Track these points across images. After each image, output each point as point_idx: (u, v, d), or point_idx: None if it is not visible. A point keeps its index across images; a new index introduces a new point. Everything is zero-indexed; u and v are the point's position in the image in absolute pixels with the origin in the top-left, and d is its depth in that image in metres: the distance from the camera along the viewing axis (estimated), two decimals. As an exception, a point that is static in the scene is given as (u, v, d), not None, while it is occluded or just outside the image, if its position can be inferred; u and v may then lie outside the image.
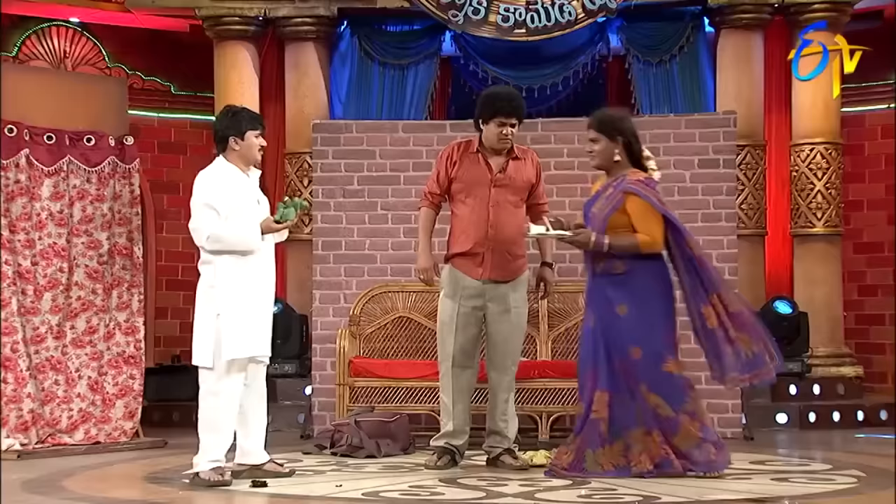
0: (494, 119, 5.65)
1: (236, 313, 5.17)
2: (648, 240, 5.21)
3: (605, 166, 5.39)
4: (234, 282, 5.17)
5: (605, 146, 5.33)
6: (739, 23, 8.58)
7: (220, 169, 5.29)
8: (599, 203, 5.32)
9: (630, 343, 5.21)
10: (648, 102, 8.74)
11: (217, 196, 5.18)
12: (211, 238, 5.16)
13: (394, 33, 9.06)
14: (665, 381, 5.25)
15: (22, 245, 6.77)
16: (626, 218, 5.22)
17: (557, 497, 4.85)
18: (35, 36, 9.40)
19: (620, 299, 5.24)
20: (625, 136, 5.34)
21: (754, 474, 5.58)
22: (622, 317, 5.23)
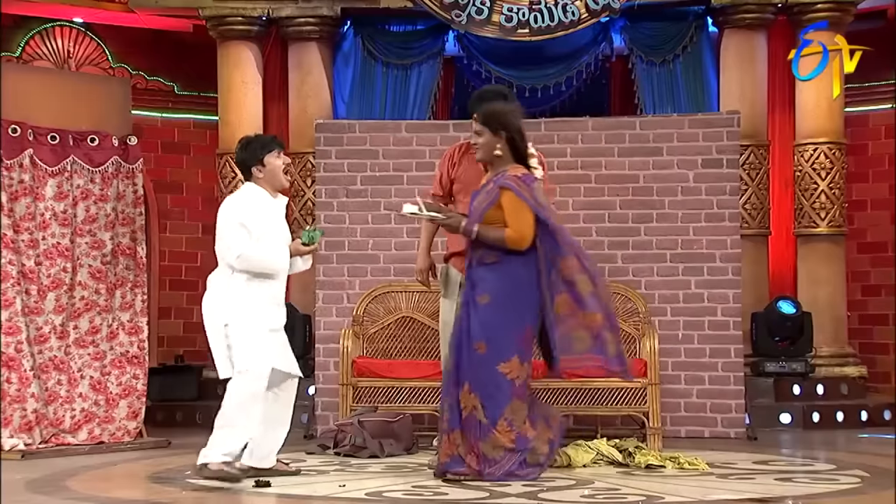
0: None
1: (245, 324, 5.18)
2: (515, 236, 5.16)
3: (487, 160, 5.34)
4: (243, 295, 5.21)
5: (488, 139, 5.28)
6: (743, 22, 8.57)
7: (249, 192, 5.37)
8: (480, 197, 5.31)
9: (479, 336, 5.15)
10: (652, 102, 8.73)
11: (248, 216, 5.24)
12: (242, 257, 5.19)
13: (397, 33, 9.06)
14: (493, 381, 5.14)
15: (26, 245, 6.78)
16: (502, 213, 5.20)
17: (561, 497, 4.85)
18: (39, 36, 9.41)
19: (485, 289, 5.20)
20: (508, 131, 5.28)
21: (758, 474, 5.58)
22: (482, 306, 5.18)
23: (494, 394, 5.14)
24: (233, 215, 5.27)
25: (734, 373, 7.36)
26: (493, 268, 5.21)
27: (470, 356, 5.17)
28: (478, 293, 5.20)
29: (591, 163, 7.53)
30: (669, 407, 7.18)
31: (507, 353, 5.17)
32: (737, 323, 7.39)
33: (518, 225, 5.16)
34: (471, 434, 5.15)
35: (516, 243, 5.16)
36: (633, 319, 6.98)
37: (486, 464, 5.14)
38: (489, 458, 5.14)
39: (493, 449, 5.14)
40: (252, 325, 5.20)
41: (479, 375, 5.14)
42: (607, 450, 5.87)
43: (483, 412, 5.13)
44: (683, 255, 7.42)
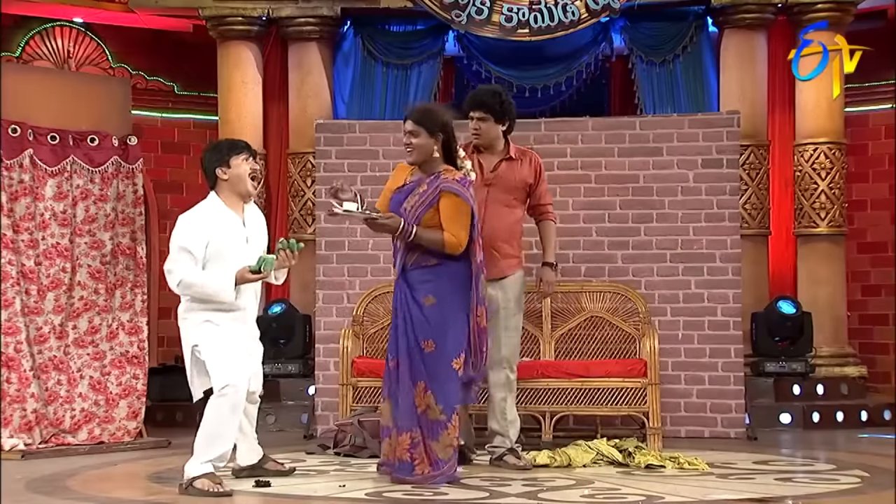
0: (468, 116, 5.80)
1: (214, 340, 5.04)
2: (454, 241, 5.16)
3: (421, 161, 5.29)
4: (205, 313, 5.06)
5: (425, 141, 5.25)
6: (743, 23, 8.57)
7: (205, 209, 5.13)
8: (413, 199, 5.24)
9: (427, 335, 5.17)
10: (652, 102, 8.73)
11: (195, 240, 5.01)
12: (182, 284, 5.02)
13: (397, 33, 9.06)
14: (448, 379, 5.17)
15: (25, 245, 6.78)
16: (438, 216, 5.18)
17: (561, 497, 4.85)
18: (39, 36, 9.41)
19: (428, 291, 5.19)
20: (444, 132, 5.27)
21: (758, 474, 5.58)
22: (427, 307, 5.19)
23: (449, 390, 5.17)
24: (176, 238, 5.06)
25: (734, 373, 7.36)
26: (434, 270, 5.20)
27: (421, 356, 5.17)
28: (421, 294, 5.20)
29: (591, 163, 7.53)
30: (669, 407, 7.18)
31: (458, 349, 5.20)
32: (737, 323, 7.39)
33: (456, 229, 5.15)
34: (425, 434, 5.14)
35: (454, 248, 5.17)
36: (633, 319, 6.98)
37: (436, 465, 5.12)
38: (440, 459, 5.13)
39: (444, 449, 5.14)
40: (221, 339, 5.04)
41: (433, 373, 5.15)
42: (607, 450, 5.88)
43: (438, 410, 5.13)
44: (683, 255, 7.42)
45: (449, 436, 5.14)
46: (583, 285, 7.23)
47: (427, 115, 5.30)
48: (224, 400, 4.95)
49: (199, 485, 4.89)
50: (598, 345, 7.02)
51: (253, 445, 5.45)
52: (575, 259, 7.48)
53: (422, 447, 5.13)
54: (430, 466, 5.11)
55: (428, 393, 5.16)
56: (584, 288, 7.18)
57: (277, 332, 8.26)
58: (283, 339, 8.28)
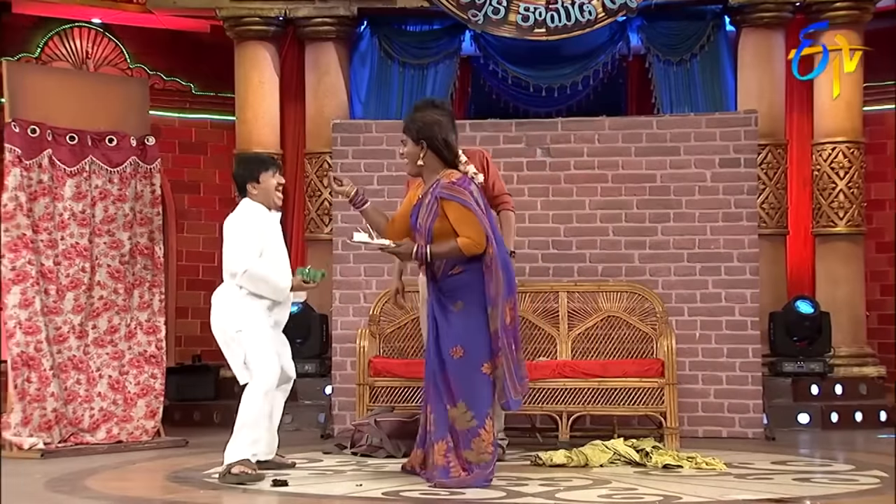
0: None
1: (256, 327, 5.42)
2: (469, 242, 5.09)
3: (413, 171, 5.27)
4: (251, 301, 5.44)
5: (410, 149, 5.22)
6: (761, 21, 8.53)
7: (248, 209, 5.53)
8: (422, 213, 5.21)
9: (455, 341, 5.12)
10: (669, 102, 8.71)
11: (253, 233, 5.42)
12: (248, 273, 5.37)
13: (414, 33, 9.06)
14: (479, 384, 5.11)
15: (45, 245, 6.81)
16: (448, 223, 5.12)
17: (578, 497, 4.84)
18: (58, 37, 9.46)
19: (458, 297, 5.15)
20: (428, 139, 5.18)
21: (776, 474, 5.55)
22: (455, 313, 5.15)
23: (480, 396, 5.13)
24: (241, 230, 5.44)
25: (752, 373, 7.34)
26: (460, 277, 5.15)
27: (450, 363, 5.12)
28: (450, 301, 5.15)
29: (608, 162, 7.51)
30: (687, 407, 7.16)
31: (487, 353, 5.15)
32: (754, 323, 7.37)
33: (468, 230, 5.09)
34: (457, 444, 5.12)
35: (472, 248, 5.10)
36: (649, 319, 6.97)
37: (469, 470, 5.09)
38: (473, 464, 5.10)
39: (477, 455, 5.11)
40: (262, 328, 5.44)
41: (463, 380, 5.11)
42: (624, 450, 5.87)
43: (470, 416, 5.09)
44: (701, 254, 7.40)
45: (483, 442, 5.09)
46: (599, 285, 7.22)
47: (411, 124, 5.24)
48: (260, 385, 5.32)
49: (236, 471, 5.20)
50: (614, 345, 7.01)
51: (271, 441, 5.59)
52: (592, 259, 7.47)
53: (454, 454, 5.12)
54: (463, 471, 5.10)
55: (459, 402, 5.12)
56: (600, 288, 7.17)
57: (294, 332, 8.21)
58: (301, 339, 8.29)
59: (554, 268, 7.47)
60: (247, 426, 5.31)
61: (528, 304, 7.01)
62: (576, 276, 7.41)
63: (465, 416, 5.10)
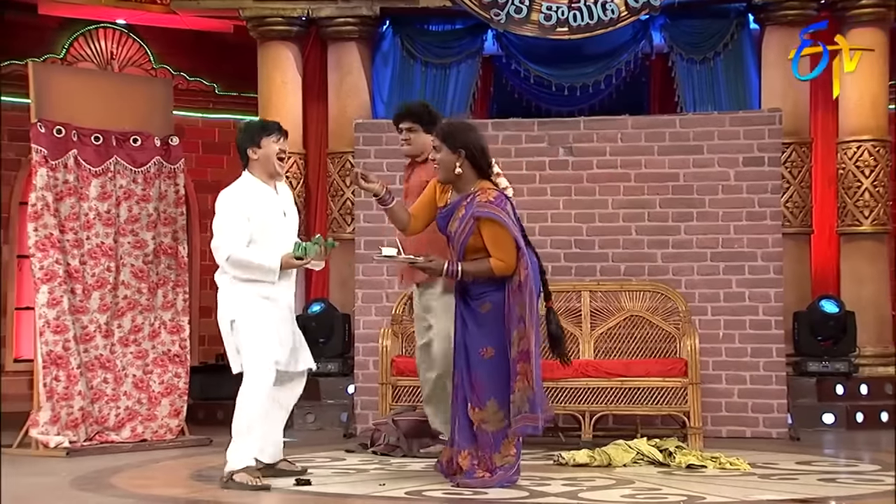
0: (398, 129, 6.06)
1: (251, 320, 5.12)
2: (501, 265, 5.05)
3: (447, 179, 5.21)
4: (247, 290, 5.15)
5: (445, 157, 5.15)
6: (785, 19, 8.48)
7: (243, 185, 5.24)
8: (454, 224, 5.15)
9: (485, 342, 5.10)
10: (692, 100, 8.67)
11: (238, 214, 5.11)
12: (230, 260, 5.11)
13: (436, 32, 9.07)
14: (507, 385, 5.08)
15: (71, 245, 6.86)
16: (481, 241, 5.08)
17: (601, 497, 4.83)
18: (83, 38, 9.53)
19: (487, 299, 5.11)
20: (467, 149, 5.14)
21: (801, 475, 5.53)
22: (483, 314, 5.11)
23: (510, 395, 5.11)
24: (223, 214, 5.14)
25: (776, 372, 7.30)
26: (490, 281, 5.11)
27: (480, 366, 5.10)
28: (479, 303, 5.12)
29: (631, 161, 7.49)
30: (710, 406, 7.14)
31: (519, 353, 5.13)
32: (778, 322, 7.33)
33: (502, 253, 5.05)
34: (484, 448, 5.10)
35: (503, 270, 5.06)
36: (673, 319, 6.95)
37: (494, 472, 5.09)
38: (498, 466, 5.09)
39: (503, 458, 5.10)
40: (258, 321, 5.12)
41: (494, 379, 5.08)
42: (647, 449, 5.85)
43: (501, 416, 5.07)
44: (724, 253, 7.37)
45: (510, 442, 5.09)
46: (622, 284, 7.21)
47: (449, 131, 5.20)
48: (255, 388, 5.03)
49: (239, 478, 4.98)
50: (637, 344, 6.99)
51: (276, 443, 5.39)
52: (614, 258, 7.45)
53: (479, 458, 5.10)
54: (487, 472, 5.09)
55: (489, 402, 5.10)
56: (623, 287, 7.15)
57: (317, 331, 8.30)
58: (323, 338, 8.32)
59: (576, 267, 7.46)
60: (245, 430, 5.04)
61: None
62: (598, 275, 7.39)
63: (496, 416, 5.07)
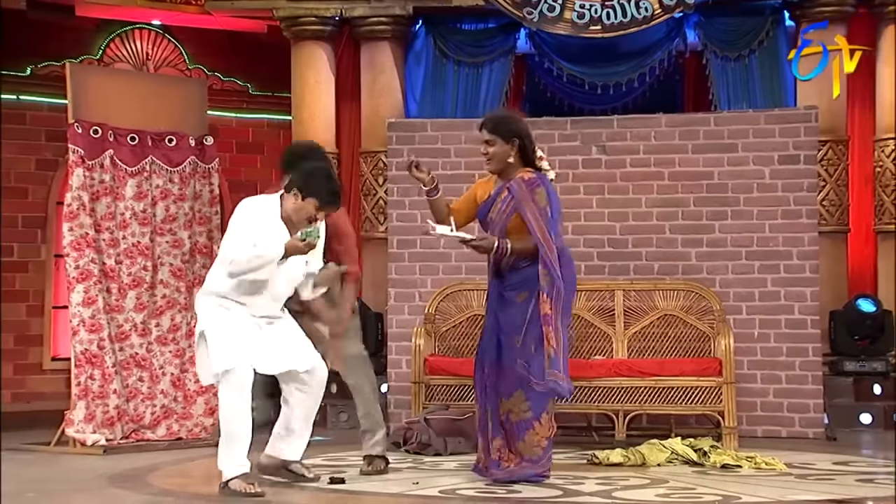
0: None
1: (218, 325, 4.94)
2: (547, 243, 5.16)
3: (499, 169, 5.34)
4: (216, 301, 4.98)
5: (500, 148, 5.29)
6: (821, 16, 8.39)
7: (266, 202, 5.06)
8: (497, 207, 5.29)
9: (519, 331, 5.15)
10: (726, 98, 8.60)
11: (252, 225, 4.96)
12: (234, 263, 4.91)
13: (469, 31, 9.06)
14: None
15: (106, 244, 6.92)
16: (522, 221, 5.19)
17: (635, 496, 4.82)
18: (119, 39, 9.60)
19: (523, 288, 5.20)
20: (520, 137, 5.29)
21: (837, 475, 5.48)
22: (519, 303, 5.19)
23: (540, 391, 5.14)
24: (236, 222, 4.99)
25: (812, 372, 7.24)
26: (527, 271, 5.20)
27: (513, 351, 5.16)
28: (517, 293, 5.20)
29: (665, 160, 7.46)
30: (745, 406, 7.09)
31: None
32: (815, 321, 7.27)
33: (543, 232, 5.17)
34: (510, 437, 5.14)
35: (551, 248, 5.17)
36: (707, 318, 6.91)
37: (521, 462, 5.11)
38: (526, 457, 5.12)
39: (530, 448, 5.12)
40: (225, 323, 4.93)
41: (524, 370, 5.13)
42: (682, 449, 5.82)
43: (526, 407, 5.10)
44: (759, 252, 7.32)
45: (536, 435, 5.12)
46: (656, 283, 7.17)
47: (501, 123, 5.34)
48: (228, 385, 4.86)
49: (234, 486, 4.88)
50: (671, 343, 6.96)
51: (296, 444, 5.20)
52: (648, 257, 7.42)
53: (507, 448, 5.15)
54: (514, 463, 5.12)
55: (517, 391, 5.13)
56: (656, 286, 7.12)
57: (351, 330, 8.30)
58: (357, 337, 8.33)
59: (610, 266, 7.43)
60: (228, 438, 4.88)
61: (584, 303, 6.98)
62: (632, 274, 7.36)
63: (521, 406, 5.11)
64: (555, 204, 5.27)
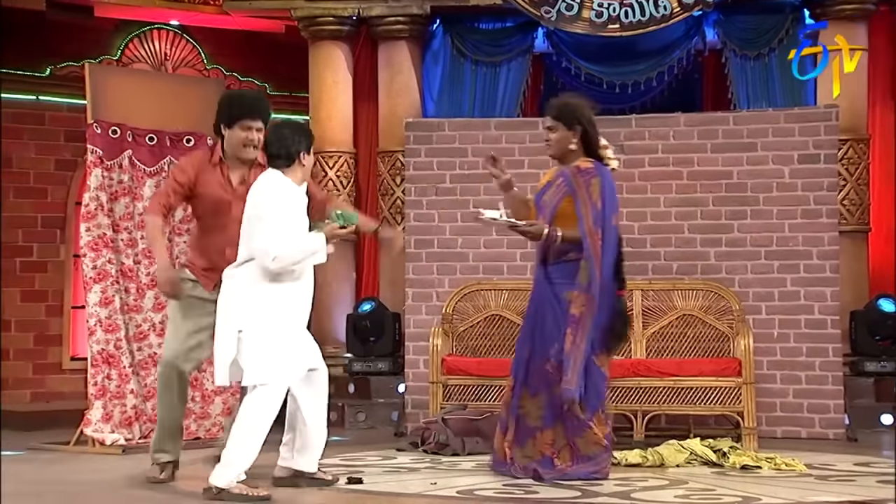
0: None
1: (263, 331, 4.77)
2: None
3: (560, 155, 5.35)
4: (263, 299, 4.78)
5: (562, 134, 5.30)
6: (843, 14, 8.33)
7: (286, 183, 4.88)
8: (550, 191, 5.31)
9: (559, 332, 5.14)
10: (746, 97, 8.56)
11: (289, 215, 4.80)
12: (277, 259, 4.72)
13: (486, 31, 9.04)
14: (591, 375, 5.13)
15: (125, 244, 6.94)
16: (573, 208, 5.20)
17: (654, 497, 4.79)
18: (137, 39, 9.64)
19: (570, 286, 5.18)
20: (583, 124, 5.29)
21: (858, 476, 5.44)
22: (567, 302, 5.16)
23: (593, 385, 5.13)
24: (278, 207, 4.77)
25: (832, 372, 7.19)
26: (576, 265, 5.19)
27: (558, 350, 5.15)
28: (562, 290, 5.19)
29: (683, 159, 7.42)
30: (764, 407, 7.05)
31: (598, 345, 5.17)
32: (835, 321, 7.22)
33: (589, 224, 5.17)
34: (569, 432, 5.12)
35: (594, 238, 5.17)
36: (726, 318, 6.87)
37: (580, 462, 5.09)
38: (585, 455, 5.10)
39: (588, 446, 5.11)
40: (271, 332, 4.77)
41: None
42: (701, 450, 5.79)
43: (581, 407, 5.09)
44: (779, 252, 7.28)
45: (595, 434, 5.12)
46: (674, 283, 7.14)
47: (564, 109, 5.34)
48: (264, 397, 4.74)
49: (237, 490, 4.71)
50: (690, 343, 6.93)
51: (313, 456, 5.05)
52: (666, 257, 7.39)
53: (563, 443, 5.14)
54: (570, 461, 5.12)
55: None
56: (675, 286, 7.08)
57: (367, 330, 8.32)
58: (373, 337, 8.34)
59: (628, 266, 7.29)
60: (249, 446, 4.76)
61: (603, 303, 6.95)
62: (650, 274, 7.33)
63: (577, 406, 5.11)
64: (609, 197, 5.23)
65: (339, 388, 8.14)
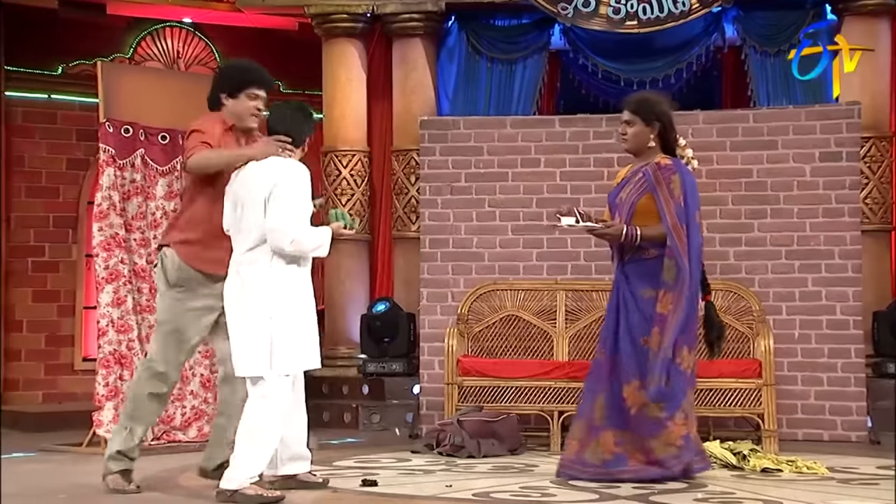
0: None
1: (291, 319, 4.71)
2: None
3: (636, 150, 5.29)
4: (288, 285, 4.73)
5: (640, 130, 5.25)
6: (864, 9, 8.21)
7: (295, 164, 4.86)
8: (629, 188, 5.23)
9: (645, 330, 5.06)
10: (766, 94, 8.44)
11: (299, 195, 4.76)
12: (295, 242, 4.67)
13: (502, 28, 8.96)
14: (671, 374, 5.04)
15: (137, 244, 6.89)
16: (654, 204, 5.12)
17: (673, 500, 4.72)
18: (150, 37, 9.61)
19: (647, 284, 5.10)
20: (661, 120, 5.25)
21: (881, 479, 5.36)
22: (644, 300, 5.09)
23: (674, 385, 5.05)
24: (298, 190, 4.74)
25: (855, 374, 7.09)
26: (654, 263, 5.12)
27: (637, 351, 5.06)
28: (639, 288, 5.12)
29: (703, 157, 7.26)
30: (785, 409, 6.95)
31: (680, 343, 5.09)
32: (857, 322, 7.13)
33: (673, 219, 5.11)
34: (642, 432, 5.05)
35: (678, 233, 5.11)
36: (746, 318, 6.78)
37: (653, 462, 5.05)
38: (659, 457, 5.04)
39: (664, 447, 5.04)
40: (297, 321, 4.72)
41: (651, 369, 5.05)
42: (720, 452, 5.71)
43: (658, 407, 5.02)
44: (799, 251, 7.19)
45: (672, 434, 5.03)
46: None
47: (643, 104, 5.30)
48: (281, 389, 4.69)
49: (251, 491, 4.62)
50: (710, 344, 6.82)
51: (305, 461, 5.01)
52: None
53: (632, 443, 5.07)
54: (647, 463, 5.05)
55: (643, 390, 5.05)
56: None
57: (382, 331, 8.26)
58: (388, 338, 8.27)
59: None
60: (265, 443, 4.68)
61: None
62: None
63: (657, 406, 5.03)
64: (690, 194, 5.16)
65: (353, 390, 8.09)
